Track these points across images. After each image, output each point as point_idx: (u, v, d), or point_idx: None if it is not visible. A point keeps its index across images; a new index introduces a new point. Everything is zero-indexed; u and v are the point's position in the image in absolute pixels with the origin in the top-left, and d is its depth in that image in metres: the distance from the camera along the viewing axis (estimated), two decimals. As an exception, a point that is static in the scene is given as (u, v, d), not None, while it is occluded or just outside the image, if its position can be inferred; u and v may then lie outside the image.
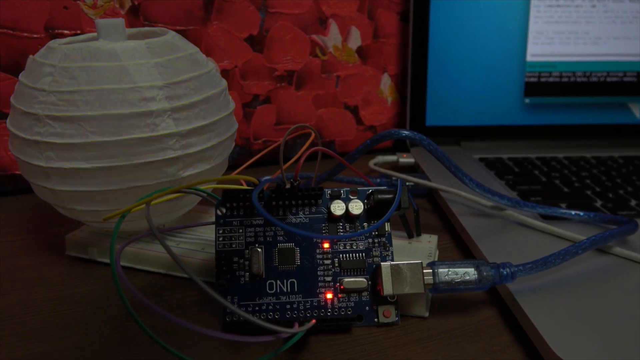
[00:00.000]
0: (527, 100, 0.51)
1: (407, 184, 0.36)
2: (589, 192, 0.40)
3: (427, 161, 0.46)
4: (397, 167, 0.47)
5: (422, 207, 0.41)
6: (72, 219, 0.32)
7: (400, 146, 0.55)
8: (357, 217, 0.27)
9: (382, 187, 0.28)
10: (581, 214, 0.34)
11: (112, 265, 0.22)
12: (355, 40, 0.51)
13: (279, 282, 0.26)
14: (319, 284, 0.26)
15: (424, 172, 0.44)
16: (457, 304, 0.28)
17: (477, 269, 0.26)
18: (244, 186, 0.29)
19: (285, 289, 0.26)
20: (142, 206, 0.25)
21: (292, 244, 0.27)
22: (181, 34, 0.32)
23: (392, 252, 0.27)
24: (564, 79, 0.51)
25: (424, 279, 0.26)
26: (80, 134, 0.27)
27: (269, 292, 0.26)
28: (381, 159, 0.47)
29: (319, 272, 0.27)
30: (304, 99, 0.51)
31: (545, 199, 0.39)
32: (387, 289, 0.26)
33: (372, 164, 0.45)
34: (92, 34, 0.34)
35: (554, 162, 0.47)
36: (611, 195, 0.39)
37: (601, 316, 0.25)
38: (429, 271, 0.26)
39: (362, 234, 0.27)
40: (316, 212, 0.28)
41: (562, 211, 0.34)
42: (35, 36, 0.41)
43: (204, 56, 0.32)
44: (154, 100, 0.28)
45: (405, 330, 0.26)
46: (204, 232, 0.33)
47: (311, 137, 0.37)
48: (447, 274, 0.26)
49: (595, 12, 0.50)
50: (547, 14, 0.49)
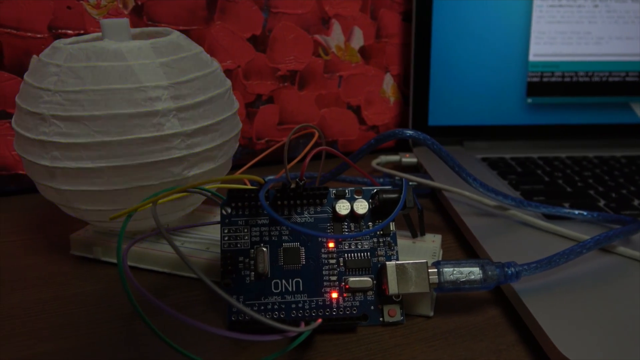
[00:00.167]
0: (529, 100, 0.51)
1: (410, 183, 0.36)
2: (592, 192, 0.40)
3: (430, 161, 0.46)
4: (399, 166, 0.47)
5: (425, 206, 0.41)
6: (76, 219, 0.32)
7: (402, 146, 0.55)
8: (362, 216, 0.28)
9: (386, 187, 0.28)
10: (585, 213, 0.34)
11: (119, 264, 0.22)
12: (357, 40, 0.51)
13: (284, 281, 0.26)
14: (324, 284, 0.26)
15: (426, 171, 0.44)
16: (462, 303, 0.28)
17: (482, 268, 0.26)
18: (248, 186, 0.29)
19: (290, 289, 0.26)
20: (147, 206, 0.25)
21: (297, 244, 0.27)
22: (184, 34, 0.32)
23: (397, 251, 0.27)
24: (567, 79, 0.51)
25: (429, 278, 0.26)
26: (85, 133, 0.27)
27: (274, 291, 0.26)
28: (384, 158, 0.47)
29: (324, 272, 0.27)
30: (306, 98, 0.51)
31: (548, 198, 0.39)
32: (393, 288, 0.26)
33: (374, 163, 0.45)
34: (96, 33, 0.34)
35: (557, 161, 0.47)
36: (614, 194, 0.39)
37: (606, 315, 0.25)
38: (434, 270, 0.26)
39: (367, 234, 0.27)
40: (321, 211, 0.28)
41: (566, 211, 0.34)
42: (38, 36, 0.41)
43: (209, 56, 0.32)
44: (160, 100, 0.28)
45: (410, 329, 0.26)
46: (209, 232, 0.33)
47: (315, 136, 0.37)
48: (452, 273, 0.26)
49: (597, 12, 0.50)
50: (550, 14, 0.49)
